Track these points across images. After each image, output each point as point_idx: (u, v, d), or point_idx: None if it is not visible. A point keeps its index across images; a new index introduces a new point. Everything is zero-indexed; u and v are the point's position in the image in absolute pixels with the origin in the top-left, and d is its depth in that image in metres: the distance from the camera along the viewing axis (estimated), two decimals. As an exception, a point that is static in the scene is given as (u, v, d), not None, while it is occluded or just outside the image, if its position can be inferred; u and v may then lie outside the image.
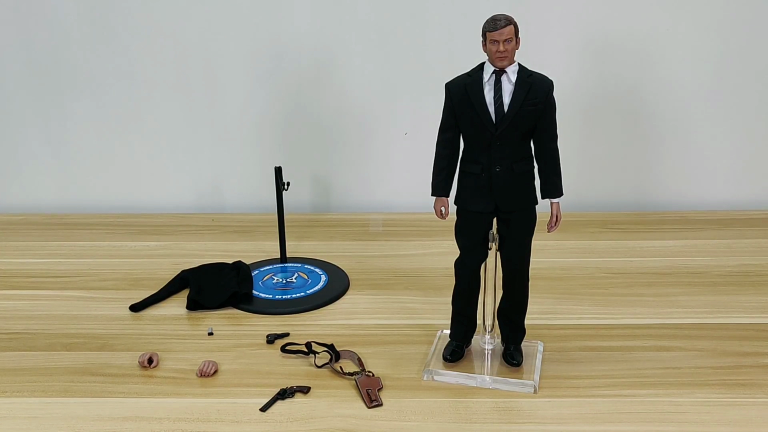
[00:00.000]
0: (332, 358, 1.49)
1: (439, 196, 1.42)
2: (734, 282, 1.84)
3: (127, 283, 1.89)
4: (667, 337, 1.57)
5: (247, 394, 1.40)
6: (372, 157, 2.41)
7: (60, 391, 1.41)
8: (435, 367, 1.45)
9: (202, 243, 2.15)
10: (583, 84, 2.30)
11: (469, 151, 1.38)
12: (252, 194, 2.44)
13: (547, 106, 1.34)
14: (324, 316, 1.71)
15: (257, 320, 1.70)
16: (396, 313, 1.71)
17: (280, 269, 1.95)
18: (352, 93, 2.34)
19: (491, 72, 1.32)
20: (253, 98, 2.36)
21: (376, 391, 1.38)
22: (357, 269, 1.94)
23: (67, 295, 1.83)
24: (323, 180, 2.44)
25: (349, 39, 2.29)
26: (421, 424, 1.30)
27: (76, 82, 2.36)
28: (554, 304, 1.73)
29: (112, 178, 2.46)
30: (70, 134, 2.42)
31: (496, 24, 1.29)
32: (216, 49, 2.31)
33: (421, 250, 2.06)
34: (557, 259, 1.98)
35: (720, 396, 1.37)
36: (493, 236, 1.40)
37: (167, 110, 2.38)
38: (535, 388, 1.39)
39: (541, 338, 1.55)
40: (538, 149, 1.38)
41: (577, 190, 2.30)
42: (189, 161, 2.43)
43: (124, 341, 1.60)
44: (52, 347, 1.58)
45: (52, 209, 2.47)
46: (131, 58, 2.33)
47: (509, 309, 1.46)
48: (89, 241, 2.18)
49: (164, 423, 1.31)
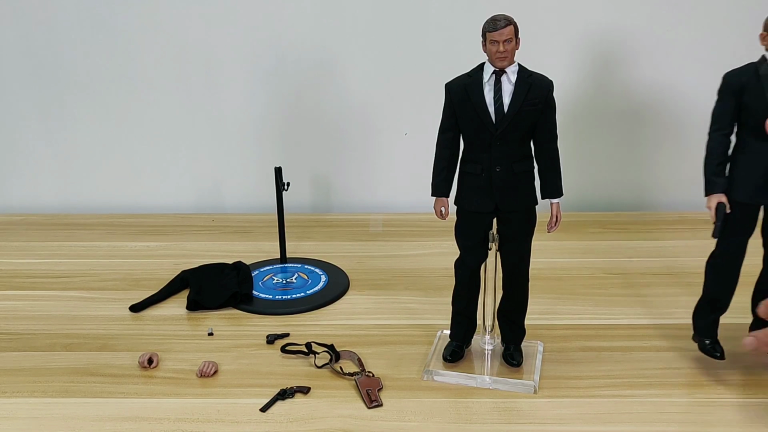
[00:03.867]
0: (332, 359, 1.49)
1: (439, 196, 1.42)
2: (734, 282, 1.84)
3: (127, 283, 1.89)
4: (667, 337, 1.57)
5: (247, 395, 1.40)
6: (372, 157, 2.41)
7: (60, 391, 1.41)
8: (435, 368, 1.45)
9: (202, 243, 2.15)
10: (583, 84, 2.30)
11: (469, 151, 1.38)
12: (252, 194, 2.44)
13: (547, 106, 1.34)
14: (324, 317, 1.71)
15: (257, 320, 1.70)
16: (396, 313, 1.71)
17: (280, 269, 1.95)
18: (352, 93, 2.34)
19: (491, 72, 1.32)
20: (253, 98, 2.36)
21: (376, 391, 1.38)
22: (357, 269, 1.94)
23: (67, 296, 1.83)
24: (323, 180, 2.44)
25: (350, 39, 2.29)
26: (421, 425, 1.30)
27: (76, 82, 2.36)
28: (554, 304, 1.73)
29: (113, 178, 2.46)
30: (70, 134, 2.42)
31: (495, 24, 1.29)
32: (216, 49, 2.31)
33: (421, 250, 2.06)
34: (557, 259, 1.98)
35: (720, 396, 1.37)
36: (493, 236, 1.40)
37: (167, 110, 2.38)
38: (535, 388, 1.39)
39: (541, 338, 1.55)
40: (538, 149, 1.38)
41: (577, 190, 2.30)
42: (189, 161, 2.44)
43: (124, 341, 1.60)
44: (52, 347, 1.58)
45: (52, 209, 2.47)
46: (131, 57, 2.33)
47: (509, 309, 1.46)
48: (89, 241, 2.18)
49: (164, 423, 1.31)
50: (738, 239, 1.38)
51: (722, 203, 1.34)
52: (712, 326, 1.44)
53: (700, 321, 1.45)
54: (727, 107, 1.34)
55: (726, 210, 1.34)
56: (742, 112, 1.33)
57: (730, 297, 1.42)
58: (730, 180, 1.35)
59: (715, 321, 1.44)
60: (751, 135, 1.32)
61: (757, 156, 1.32)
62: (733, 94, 1.33)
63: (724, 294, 1.42)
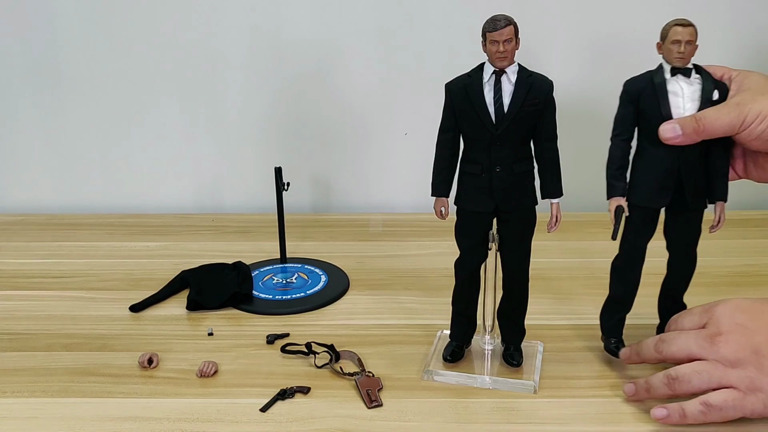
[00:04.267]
0: (332, 359, 1.49)
1: (439, 196, 1.42)
2: (734, 282, 1.84)
3: (127, 283, 1.89)
4: (667, 338, 1.57)
5: (247, 395, 1.40)
6: (372, 157, 2.41)
7: (60, 391, 1.42)
8: (435, 368, 1.46)
9: (202, 243, 2.15)
10: (583, 84, 2.30)
11: (469, 151, 1.38)
12: (252, 194, 2.44)
13: (547, 107, 1.34)
14: (324, 317, 1.71)
15: (257, 320, 1.70)
16: (396, 313, 1.71)
17: (280, 269, 1.95)
18: (352, 93, 2.34)
19: (491, 72, 1.32)
20: (253, 98, 2.36)
21: (376, 391, 1.38)
22: (357, 269, 1.94)
23: (67, 296, 1.83)
24: (323, 180, 2.44)
25: (350, 39, 2.29)
26: (421, 425, 1.30)
27: (76, 81, 2.36)
28: (554, 304, 1.73)
29: (112, 178, 2.46)
30: (70, 134, 2.42)
31: (495, 24, 1.29)
32: (216, 49, 2.31)
33: (421, 250, 2.06)
34: (557, 259, 1.98)
35: (720, 396, 1.37)
36: (493, 236, 1.40)
37: (167, 110, 2.38)
38: (535, 389, 1.39)
39: (541, 338, 1.55)
40: (538, 149, 1.38)
41: (577, 190, 2.29)
42: (189, 161, 2.44)
43: (124, 341, 1.60)
44: (52, 347, 1.58)
45: (52, 209, 2.47)
46: (131, 57, 2.33)
47: (509, 309, 1.46)
48: (89, 241, 2.18)
49: (164, 423, 1.31)
50: (638, 242, 1.43)
51: (620, 206, 1.39)
52: (617, 326, 1.49)
53: (606, 321, 1.50)
54: (626, 114, 1.38)
55: (624, 213, 1.38)
56: (639, 119, 1.37)
57: (632, 297, 1.47)
58: (630, 184, 1.40)
59: (620, 321, 1.49)
60: (647, 141, 1.36)
61: (653, 161, 1.36)
62: (631, 101, 1.37)
63: (627, 295, 1.47)
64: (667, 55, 1.34)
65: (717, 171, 1.38)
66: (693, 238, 1.44)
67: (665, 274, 1.50)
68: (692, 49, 1.33)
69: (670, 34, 1.33)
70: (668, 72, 1.34)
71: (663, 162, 1.36)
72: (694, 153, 1.35)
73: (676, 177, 1.36)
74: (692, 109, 1.33)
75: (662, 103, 1.33)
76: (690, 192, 1.37)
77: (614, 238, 1.40)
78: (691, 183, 1.37)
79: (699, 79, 1.35)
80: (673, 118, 1.32)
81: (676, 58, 1.33)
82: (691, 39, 1.32)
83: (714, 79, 1.36)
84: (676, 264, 1.47)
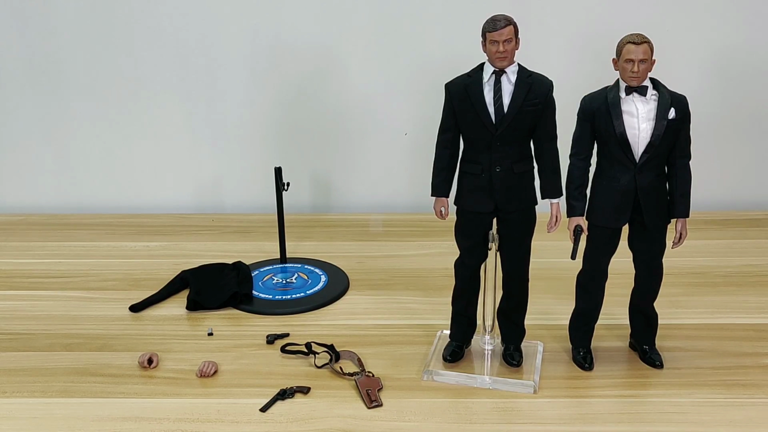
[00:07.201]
0: (332, 359, 1.49)
1: (439, 196, 1.42)
2: (734, 282, 1.84)
3: (127, 283, 1.89)
4: (667, 337, 1.57)
5: (247, 395, 1.40)
6: (372, 157, 2.41)
7: (60, 391, 1.42)
8: (435, 368, 1.46)
9: (202, 243, 2.15)
10: (583, 84, 2.29)
11: (469, 151, 1.38)
12: (252, 194, 2.44)
13: (547, 107, 1.34)
14: (324, 317, 1.71)
15: (257, 320, 1.70)
16: (396, 313, 1.71)
17: (280, 269, 1.95)
18: (352, 93, 2.34)
19: (491, 72, 1.32)
20: (253, 98, 2.36)
21: (375, 391, 1.38)
22: (357, 269, 1.94)
23: (67, 295, 1.83)
24: (323, 180, 2.44)
25: (349, 39, 2.29)
26: (421, 424, 1.30)
27: (76, 82, 2.36)
28: (554, 304, 1.73)
29: (112, 178, 2.46)
30: (70, 134, 2.42)
31: (495, 24, 1.29)
32: (216, 50, 2.31)
33: (421, 250, 2.06)
34: (557, 259, 1.97)
35: (720, 396, 1.38)
36: (493, 236, 1.40)
37: (167, 110, 2.38)
38: (535, 389, 1.39)
39: (541, 338, 1.55)
40: (537, 149, 1.38)
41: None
42: (189, 161, 2.43)
43: (124, 341, 1.60)
44: (52, 347, 1.58)
45: (52, 209, 2.47)
46: (131, 58, 2.33)
47: (509, 309, 1.46)
48: (89, 241, 2.18)
49: (164, 423, 1.31)
50: (601, 259, 1.43)
51: (579, 225, 1.39)
52: (584, 337, 1.50)
53: (574, 332, 1.51)
54: (583, 132, 1.37)
55: (582, 232, 1.39)
56: (596, 138, 1.36)
57: (598, 309, 1.49)
58: (589, 204, 1.39)
59: (587, 332, 1.50)
60: (605, 160, 1.36)
61: (611, 182, 1.36)
62: (586, 119, 1.36)
63: (593, 308, 1.49)
64: (622, 74, 1.32)
65: (677, 190, 1.37)
66: (656, 253, 1.43)
67: (632, 290, 1.49)
68: (647, 67, 1.30)
69: (623, 52, 1.30)
70: (623, 90, 1.32)
71: (620, 182, 1.34)
72: (650, 174, 1.34)
73: (633, 197, 1.35)
74: (647, 129, 1.30)
75: (616, 123, 1.31)
76: (648, 212, 1.36)
77: (573, 258, 1.39)
78: (650, 203, 1.36)
79: (656, 96, 1.32)
80: (627, 138, 1.30)
81: (629, 77, 1.30)
82: (645, 57, 1.28)
83: (672, 95, 1.33)
84: (640, 278, 1.47)
